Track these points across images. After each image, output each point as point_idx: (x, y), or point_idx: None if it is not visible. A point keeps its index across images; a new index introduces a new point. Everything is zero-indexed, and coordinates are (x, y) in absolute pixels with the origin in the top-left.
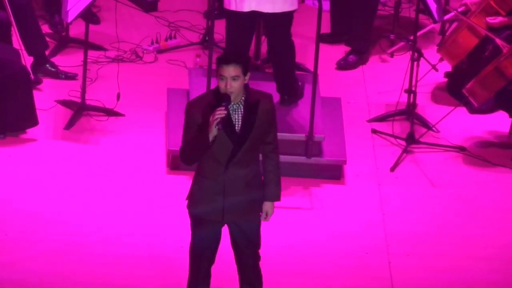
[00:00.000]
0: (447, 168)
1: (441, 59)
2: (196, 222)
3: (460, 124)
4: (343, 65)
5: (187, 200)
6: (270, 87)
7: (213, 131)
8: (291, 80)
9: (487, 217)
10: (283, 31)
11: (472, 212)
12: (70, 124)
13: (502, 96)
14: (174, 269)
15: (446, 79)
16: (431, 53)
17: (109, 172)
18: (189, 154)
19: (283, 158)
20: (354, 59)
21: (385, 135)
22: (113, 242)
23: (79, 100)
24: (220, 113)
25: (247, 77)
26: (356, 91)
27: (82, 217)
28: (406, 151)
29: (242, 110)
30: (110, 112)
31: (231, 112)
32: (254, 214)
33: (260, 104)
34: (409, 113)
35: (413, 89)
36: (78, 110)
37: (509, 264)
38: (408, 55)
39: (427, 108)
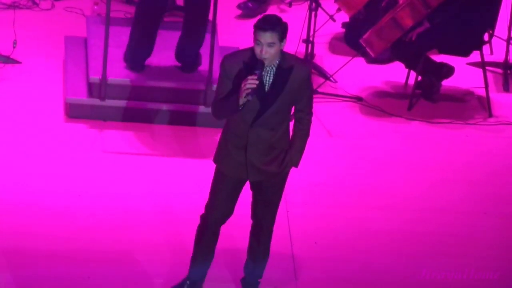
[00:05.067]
0: (344, 118)
1: (338, 9)
2: (219, 176)
3: (357, 74)
4: (243, 8)
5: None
6: (171, 37)
7: (249, 99)
8: (197, 51)
9: (383, 167)
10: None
11: (369, 162)
12: None
13: (398, 46)
14: (71, 216)
15: (343, 29)
16: (328, 3)
17: (6, 120)
18: (219, 112)
19: (182, 107)
20: (253, 6)
21: None
22: (10, 190)
23: None
24: (252, 82)
25: (283, 44)
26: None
27: None
28: None
29: (274, 73)
30: (6, 60)
31: (263, 73)
32: (282, 172)
33: (294, 70)
34: (307, 63)
35: (311, 39)
36: None
37: (404, 213)
38: (306, 5)
39: (324, 58)
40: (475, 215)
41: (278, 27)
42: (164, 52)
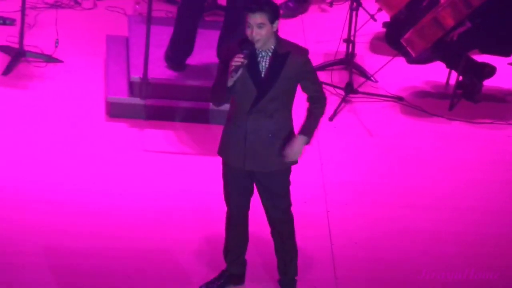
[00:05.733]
0: (385, 118)
1: (379, 9)
2: (224, 166)
3: (398, 74)
4: (283, 8)
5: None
6: (212, 36)
7: (234, 77)
8: None
9: (424, 166)
10: None
11: (409, 161)
12: (8, 70)
13: (439, 46)
14: (112, 214)
15: (384, 29)
16: (369, 3)
17: (48, 119)
18: (212, 95)
19: (224, 107)
20: (294, 6)
21: (324, 84)
22: (52, 189)
23: (17, 46)
24: (237, 60)
25: (275, 25)
26: (295, 40)
27: (21, 165)
28: (344, 100)
29: (269, 58)
30: (48, 59)
31: (259, 59)
32: (278, 166)
33: (290, 56)
34: (348, 62)
35: (352, 38)
36: (16, 56)
37: (444, 212)
38: (347, 4)
39: (365, 57)
40: None
41: (266, 7)
42: (205, 51)
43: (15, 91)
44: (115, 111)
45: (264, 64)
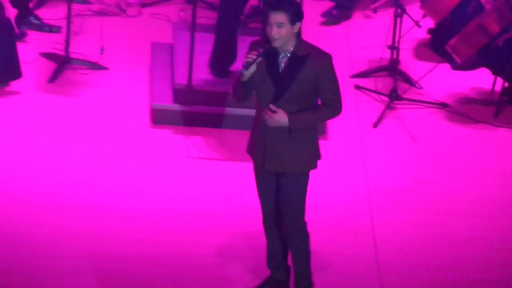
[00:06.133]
0: (429, 124)
1: (424, 15)
2: (253, 168)
3: (443, 81)
4: (327, 16)
5: None
6: None
7: (245, 73)
8: None
9: (468, 173)
10: None
11: (453, 168)
12: (54, 77)
13: (485, 52)
14: (156, 220)
15: (429, 36)
16: (414, 9)
17: (93, 125)
18: (232, 90)
19: None
20: (338, 13)
21: (368, 91)
22: (96, 194)
23: (63, 53)
24: (249, 56)
25: (296, 27)
26: (339, 47)
27: (67, 171)
28: (389, 107)
29: (288, 59)
30: (93, 66)
31: (279, 59)
32: (293, 169)
33: (309, 59)
34: (392, 69)
35: (396, 45)
36: (62, 63)
37: (493, 219)
38: (391, 11)
39: (410, 64)
40: None
41: (288, 6)
42: None
43: (61, 98)
44: (159, 117)
45: (283, 64)
